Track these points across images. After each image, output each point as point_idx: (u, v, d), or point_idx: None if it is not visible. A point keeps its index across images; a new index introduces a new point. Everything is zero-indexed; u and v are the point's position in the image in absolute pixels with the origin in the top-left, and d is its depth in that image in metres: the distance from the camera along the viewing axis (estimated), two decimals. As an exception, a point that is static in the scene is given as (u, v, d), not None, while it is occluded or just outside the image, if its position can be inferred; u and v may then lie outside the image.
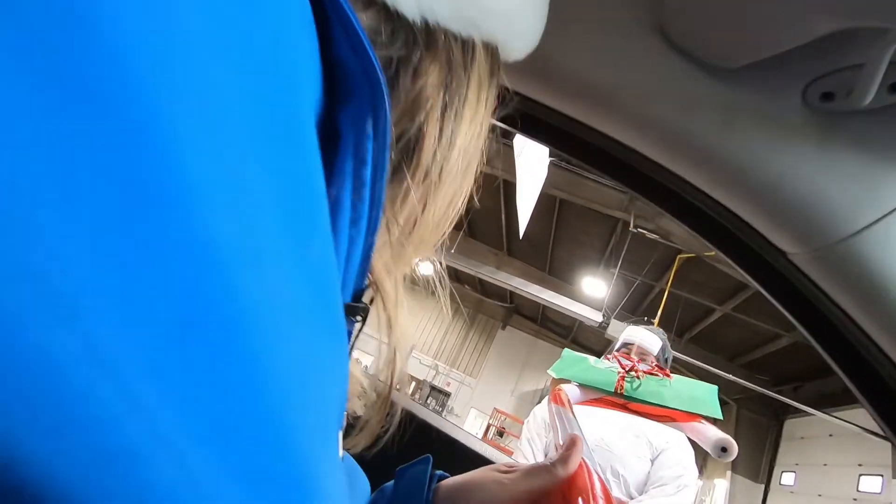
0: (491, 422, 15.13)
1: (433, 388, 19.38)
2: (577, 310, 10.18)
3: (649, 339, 1.68)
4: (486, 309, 20.99)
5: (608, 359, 1.15)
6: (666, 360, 1.70)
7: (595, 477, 0.56)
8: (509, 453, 11.74)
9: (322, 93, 0.26)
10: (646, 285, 11.66)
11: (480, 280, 18.18)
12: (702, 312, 11.55)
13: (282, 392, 0.16)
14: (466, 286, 21.08)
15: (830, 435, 10.05)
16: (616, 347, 1.75)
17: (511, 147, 6.36)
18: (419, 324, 21.03)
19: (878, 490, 8.25)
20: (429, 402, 18.29)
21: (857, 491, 8.73)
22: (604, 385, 0.94)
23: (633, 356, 1.62)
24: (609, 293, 10.36)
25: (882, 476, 8.20)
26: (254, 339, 0.15)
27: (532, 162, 6.50)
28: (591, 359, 1.04)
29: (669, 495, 1.47)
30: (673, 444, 1.62)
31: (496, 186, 11.37)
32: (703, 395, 0.85)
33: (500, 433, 15.01)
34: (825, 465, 9.95)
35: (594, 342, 18.13)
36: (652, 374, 0.92)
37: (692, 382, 0.91)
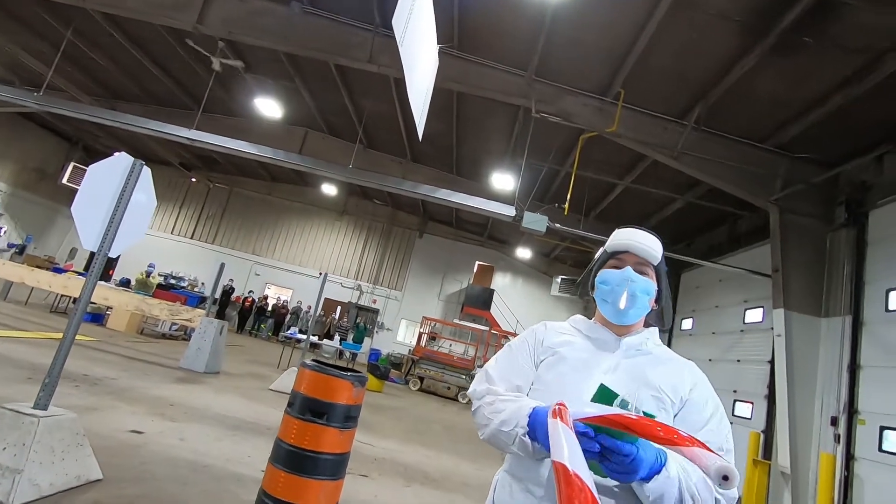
0: (421, 330, 15.42)
1: (360, 308, 19.25)
2: (490, 207, 10.02)
3: (650, 242, 1.24)
4: (400, 220, 20.61)
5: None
6: (665, 274, 1.28)
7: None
8: (442, 356, 11.99)
9: None
10: (552, 171, 11.71)
11: (389, 192, 17.52)
12: (605, 189, 11.95)
13: None
14: (376, 201, 20.34)
15: (720, 280, 11.31)
16: (603, 259, 1.29)
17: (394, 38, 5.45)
18: (333, 247, 20.24)
19: (761, 319, 9.56)
20: (359, 322, 18.19)
21: (744, 323, 10.07)
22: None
23: (628, 267, 1.22)
24: (518, 185, 10.24)
25: (763, 307, 9.45)
26: None
27: (419, 50, 5.69)
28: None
29: (712, 430, 1.09)
30: (698, 383, 1.18)
31: (387, 87, 10.35)
32: None
33: (433, 338, 15.41)
34: (717, 306, 11.30)
35: (509, 234, 18.67)
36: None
37: None
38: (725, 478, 0.72)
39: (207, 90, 11.59)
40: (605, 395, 1.01)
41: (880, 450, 6.36)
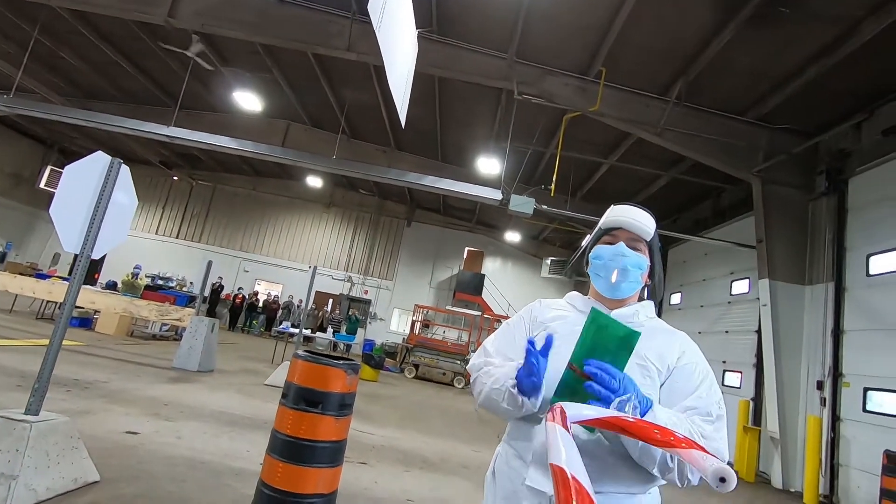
0: (414, 318, 15.46)
1: (352, 299, 19.23)
2: (477, 192, 10.01)
3: (643, 218, 1.26)
4: (387, 210, 20.52)
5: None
6: (658, 250, 1.31)
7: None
8: (436, 342, 12.07)
9: None
10: (537, 153, 11.71)
11: (375, 182, 17.40)
12: (591, 169, 11.99)
13: None
14: (362, 191, 20.21)
15: (706, 254, 11.46)
16: (598, 235, 1.31)
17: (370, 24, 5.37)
18: (322, 239, 20.14)
19: (747, 290, 9.73)
20: (351, 313, 18.18)
21: (731, 294, 10.24)
22: None
23: (621, 242, 1.24)
24: (504, 168, 10.23)
25: (749, 278, 9.62)
26: None
27: (397, 36, 5.61)
28: None
29: (711, 423, 1.07)
30: (686, 352, 1.19)
31: (368, 75, 10.22)
32: None
33: (426, 325, 15.48)
34: (704, 279, 11.47)
35: (497, 219, 18.69)
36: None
37: None
38: (723, 479, 0.74)
39: (184, 86, 11.37)
40: (598, 317, 1.04)
41: (864, 410, 6.56)
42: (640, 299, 1.31)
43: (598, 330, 1.03)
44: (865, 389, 6.61)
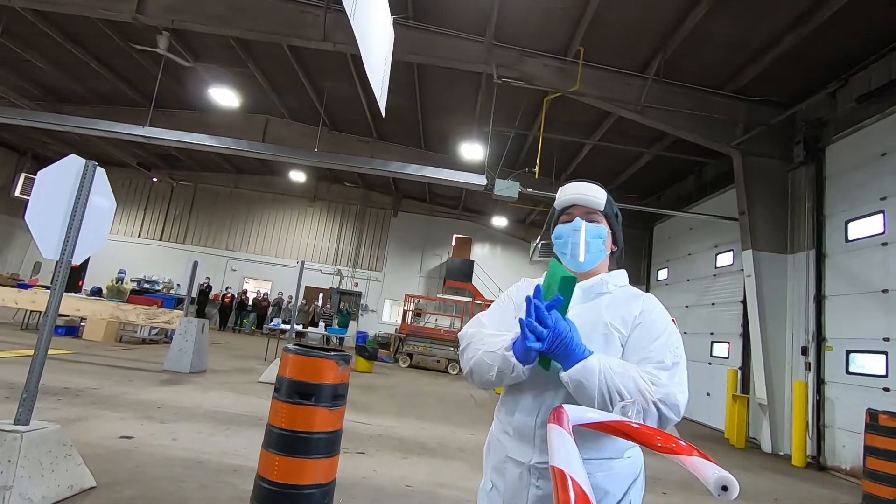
0: (406, 308, 15.49)
1: (342, 292, 19.17)
2: (461, 178, 9.99)
3: (592, 191, 1.30)
4: (373, 201, 20.37)
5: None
6: (616, 217, 1.34)
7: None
8: (429, 330, 12.10)
9: None
10: (520, 137, 11.69)
11: (359, 173, 17.25)
12: (574, 150, 12.00)
13: None
14: (347, 183, 20.03)
15: (690, 228, 11.60)
16: (556, 217, 1.35)
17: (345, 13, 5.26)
18: (309, 234, 19.99)
19: (731, 262, 9.89)
20: (342, 306, 18.14)
21: (716, 267, 10.40)
22: None
23: (577, 218, 1.29)
24: (487, 153, 10.21)
25: (733, 250, 9.76)
26: None
27: (372, 23, 5.53)
28: None
29: (666, 369, 1.09)
30: (646, 309, 1.21)
31: (346, 65, 10.08)
32: None
33: (418, 314, 15.51)
34: (689, 254, 11.62)
35: (483, 204, 18.67)
36: None
37: None
38: (725, 488, 0.74)
39: (157, 84, 11.11)
40: (551, 265, 1.21)
41: (847, 372, 6.75)
42: (614, 268, 1.35)
43: (550, 277, 1.18)
44: (848, 352, 6.79)
